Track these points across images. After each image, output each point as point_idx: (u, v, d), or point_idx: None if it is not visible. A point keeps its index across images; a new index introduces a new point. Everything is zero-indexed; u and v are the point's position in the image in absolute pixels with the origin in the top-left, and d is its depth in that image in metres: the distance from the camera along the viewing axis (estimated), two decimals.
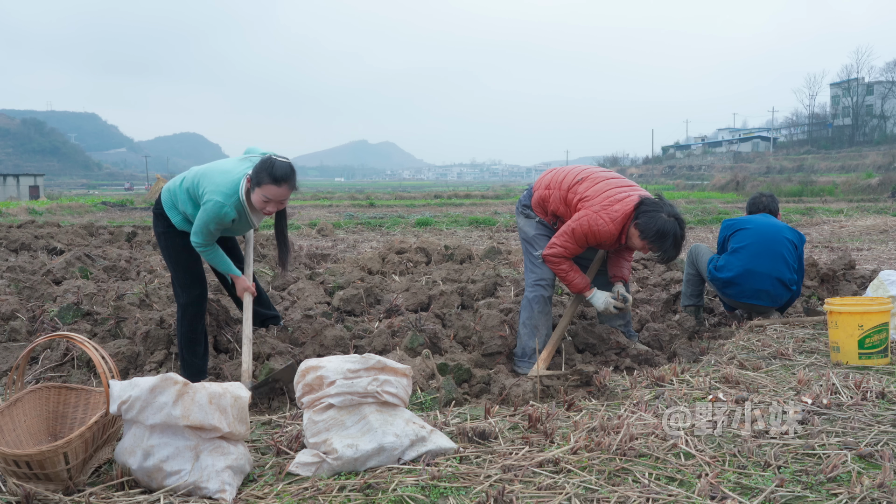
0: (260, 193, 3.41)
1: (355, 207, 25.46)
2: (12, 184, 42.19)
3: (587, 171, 4.04)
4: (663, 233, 3.65)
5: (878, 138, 61.90)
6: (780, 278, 4.51)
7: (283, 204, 3.53)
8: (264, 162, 3.43)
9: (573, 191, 3.94)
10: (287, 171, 3.42)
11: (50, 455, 2.20)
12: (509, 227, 14.63)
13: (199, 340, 3.77)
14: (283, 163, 3.43)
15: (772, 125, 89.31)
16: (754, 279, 4.52)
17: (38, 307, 4.98)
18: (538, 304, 4.04)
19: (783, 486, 2.17)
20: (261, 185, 3.40)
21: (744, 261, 4.54)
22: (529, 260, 4.17)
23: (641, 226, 3.69)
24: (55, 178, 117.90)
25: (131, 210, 25.02)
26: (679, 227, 3.71)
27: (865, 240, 11.05)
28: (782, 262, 4.51)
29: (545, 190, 4.09)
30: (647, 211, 3.70)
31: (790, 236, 4.63)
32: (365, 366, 2.53)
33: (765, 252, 4.53)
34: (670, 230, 3.66)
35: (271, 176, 3.38)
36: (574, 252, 3.88)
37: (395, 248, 8.30)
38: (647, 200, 3.76)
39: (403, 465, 2.41)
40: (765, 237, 4.58)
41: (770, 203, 4.97)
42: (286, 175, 3.41)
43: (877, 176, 35.23)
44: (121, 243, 10.07)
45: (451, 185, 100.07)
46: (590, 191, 3.86)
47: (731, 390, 3.12)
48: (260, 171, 3.40)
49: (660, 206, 3.72)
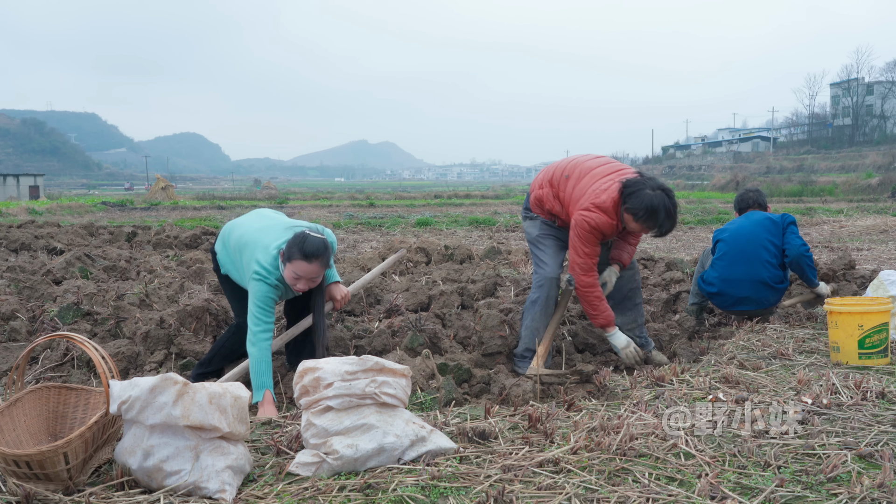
0: (290, 269, 3.31)
1: (355, 207, 25.47)
2: (12, 184, 42.20)
3: (572, 164, 4.01)
4: (653, 208, 3.60)
5: (878, 138, 61.89)
6: (760, 280, 4.52)
7: (314, 282, 3.39)
8: (297, 237, 3.33)
9: (563, 189, 3.95)
10: (319, 248, 3.28)
11: (50, 455, 2.20)
12: (509, 227, 14.63)
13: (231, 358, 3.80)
14: (316, 238, 3.32)
15: (772, 125, 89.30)
16: (734, 287, 4.55)
17: (38, 307, 4.98)
18: (541, 306, 4.04)
19: (783, 486, 2.17)
20: (291, 260, 3.29)
21: (721, 271, 4.60)
22: (535, 261, 4.16)
23: (631, 208, 3.64)
24: (55, 178, 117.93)
25: (131, 210, 25.03)
26: (667, 196, 3.64)
27: (865, 240, 11.05)
28: (760, 264, 4.51)
29: (539, 189, 4.10)
30: (633, 192, 3.64)
31: (769, 227, 4.60)
32: (363, 367, 2.53)
33: (739, 259, 4.56)
34: (659, 203, 3.60)
35: (302, 252, 3.26)
36: (594, 254, 3.82)
37: (395, 247, 8.30)
38: (628, 182, 3.68)
39: (403, 465, 2.41)
40: (739, 243, 4.60)
41: (758, 197, 4.99)
42: (318, 251, 3.28)
43: (877, 176, 35.24)
44: (121, 243, 10.07)
45: (451, 185, 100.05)
46: (576, 190, 3.86)
47: (731, 390, 3.12)
48: (291, 247, 3.31)
49: (642, 183, 3.65)
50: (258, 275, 3.36)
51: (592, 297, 3.84)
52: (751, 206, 4.95)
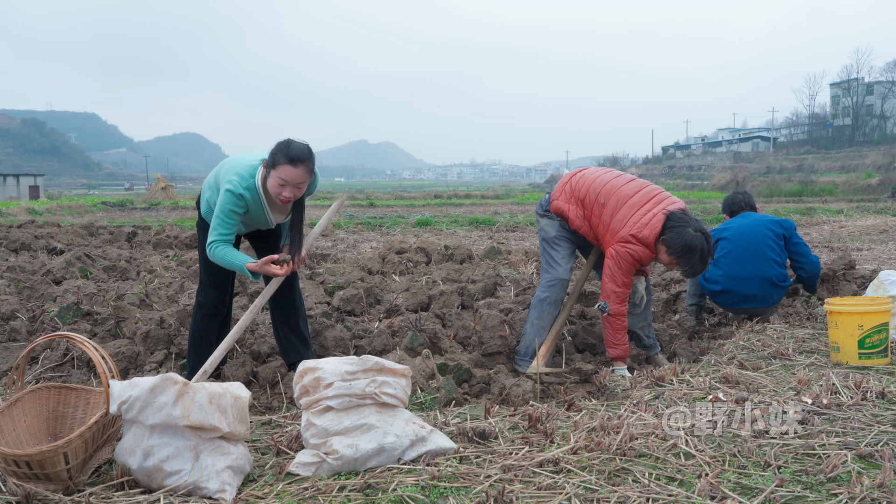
0: (276, 176, 3.19)
1: (355, 207, 25.46)
2: (12, 184, 42.21)
3: (607, 188, 3.92)
4: (690, 248, 3.64)
5: (878, 138, 61.89)
6: (766, 278, 4.52)
7: (300, 189, 3.28)
8: (281, 143, 3.24)
9: (596, 215, 3.90)
10: (304, 152, 3.20)
11: (50, 455, 2.20)
12: (509, 227, 14.63)
13: (207, 341, 3.60)
14: (301, 143, 3.24)
15: (772, 125, 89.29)
16: (740, 285, 4.55)
17: (38, 307, 4.98)
18: (549, 306, 4.04)
19: (783, 486, 2.17)
20: (276, 166, 3.19)
21: (726, 269, 4.58)
22: (546, 260, 4.14)
23: (668, 241, 3.67)
24: (55, 178, 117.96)
25: (131, 210, 25.03)
26: (706, 241, 3.68)
27: (865, 240, 11.05)
28: (766, 262, 4.52)
29: (565, 204, 4.04)
30: (674, 227, 3.68)
31: (774, 228, 4.62)
32: (363, 367, 2.53)
33: (745, 256, 4.55)
34: (697, 245, 3.64)
35: (287, 156, 3.16)
36: (630, 284, 3.84)
37: (395, 248, 8.30)
38: (673, 216, 3.72)
39: (403, 465, 2.41)
40: (744, 241, 4.60)
41: (748, 200, 5.01)
42: (303, 155, 3.18)
43: (877, 176, 35.25)
44: (121, 243, 10.08)
45: (451, 185, 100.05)
46: (614, 221, 3.81)
47: (731, 390, 3.12)
48: (276, 152, 3.21)
49: (686, 222, 3.69)
50: (230, 183, 3.24)
51: (621, 325, 3.86)
52: (742, 208, 4.97)
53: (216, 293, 3.60)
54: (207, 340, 3.60)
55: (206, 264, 3.52)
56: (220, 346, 3.18)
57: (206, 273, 3.59)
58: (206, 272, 3.58)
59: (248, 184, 3.27)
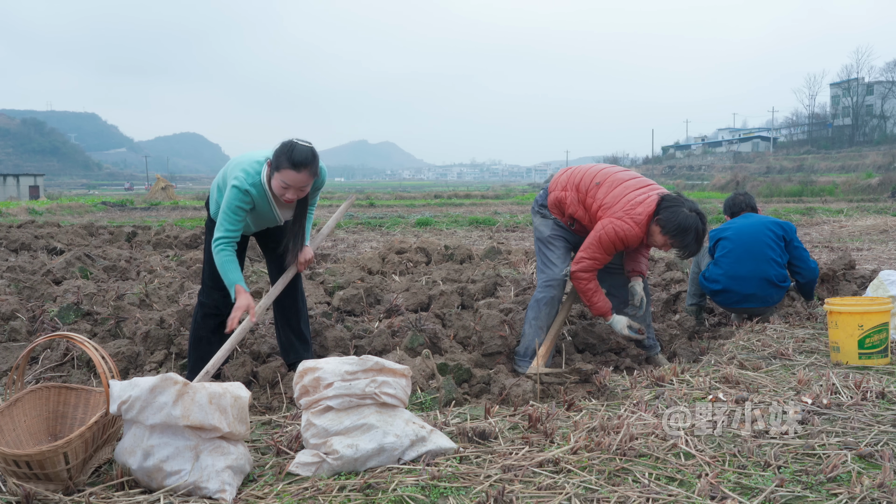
0: (279, 178, 3.20)
1: (355, 207, 25.46)
2: (12, 184, 42.22)
3: (603, 172, 3.98)
4: (684, 227, 3.65)
5: (878, 138, 61.89)
6: (767, 278, 4.52)
7: (303, 191, 3.29)
8: (284, 145, 3.23)
9: (591, 196, 3.91)
10: (307, 156, 3.19)
11: (50, 455, 2.20)
12: (509, 227, 14.64)
13: (207, 341, 3.57)
14: (305, 147, 3.22)
15: (772, 125, 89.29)
16: (740, 284, 4.54)
17: (38, 307, 4.98)
18: (546, 305, 4.04)
19: (783, 486, 2.17)
20: (280, 169, 3.19)
21: (727, 268, 4.58)
22: (542, 260, 4.14)
23: (662, 221, 3.69)
24: (55, 178, 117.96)
25: (131, 210, 25.03)
26: (700, 221, 3.70)
27: (865, 240, 11.05)
28: (766, 262, 4.52)
29: (562, 191, 4.05)
30: (668, 207, 3.70)
31: (775, 229, 4.62)
32: (363, 367, 2.53)
33: (746, 256, 4.55)
34: (692, 225, 3.66)
35: (290, 160, 3.15)
36: (604, 261, 3.85)
37: (395, 248, 8.31)
38: (668, 197, 3.76)
39: (403, 465, 2.41)
40: (745, 240, 4.59)
41: (749, 201, 5.02)
42: (306, 160, 3.18)
43: (877, 176, 35.25)
44: (121, 243, 10.08)
45: (451, 185, 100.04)
46: (609, 196, 3.83)
47: (731, 390, 3.12)
48: (279, 155, 3.21)
49: (680, 202, 3.73)
50: (236, 179, 3.25)
51: (586, 288, 3.89)
52: (743, 209, 4.97)
53: (218, 294, 3.56)
54: (208, 340, 3.58)
55: (212, 266, 3.50)
56: (224, 346, 3.17)
57: (209, 275, 3.57)
58: (211, 274, 3.55)
59: (253, 180, 3.28)
